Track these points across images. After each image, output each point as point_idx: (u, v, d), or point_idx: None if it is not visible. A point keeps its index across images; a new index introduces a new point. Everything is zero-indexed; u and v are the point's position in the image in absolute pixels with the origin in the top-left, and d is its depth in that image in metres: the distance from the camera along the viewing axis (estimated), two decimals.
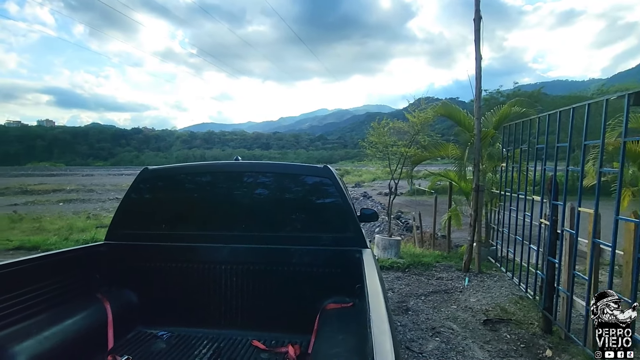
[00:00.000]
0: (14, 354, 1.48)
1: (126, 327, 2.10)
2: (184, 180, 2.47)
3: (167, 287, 2.23)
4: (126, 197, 2.36)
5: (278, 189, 2.37)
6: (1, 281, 1.62)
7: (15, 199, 19.16)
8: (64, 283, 1.95)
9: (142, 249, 2.24)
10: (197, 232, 2.25)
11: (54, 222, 9.93)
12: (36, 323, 1.68)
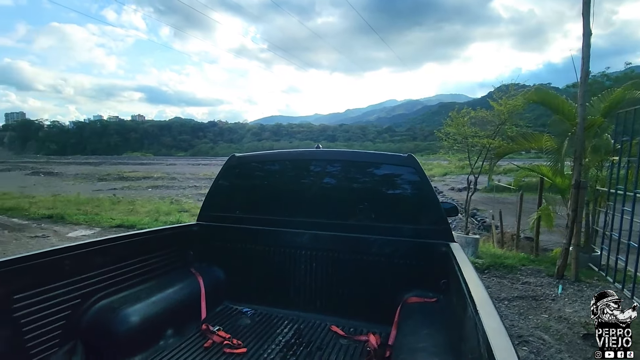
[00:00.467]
0: (129, 314, 1.74)
1: (215, 300, 2.33)
2: (268, 166, 2.63)
3: (251, 267, 2.40)
4: (216, 182, 2.58)
5: (360, 177, 2.39)
6: (119, 251, 1.91)
7: (114, 183, 22.30)
8: (165, 256, 2.24)
9: (229, 230, 2.44)
10: (280, 217, 2.37)
11: (144, 205, 11.32)
12: (145, 289, 1.95)
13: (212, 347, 1.88)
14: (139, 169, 35.79)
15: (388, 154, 2.34)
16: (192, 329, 2.05)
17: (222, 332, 1.97)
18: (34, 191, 15.73)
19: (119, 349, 1.68)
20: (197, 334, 2.01)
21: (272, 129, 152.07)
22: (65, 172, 30.64)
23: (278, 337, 2.00)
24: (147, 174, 28.91)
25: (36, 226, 7.77)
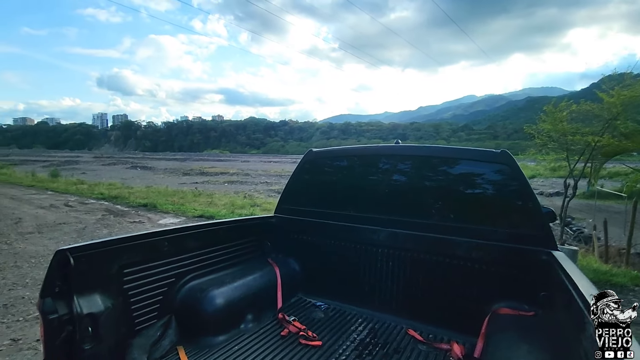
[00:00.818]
0: (215, 296, 1.88)
1: (290, 291, 2.40)
2: (345, 162, 2.62)
3: (326, 261, 2.42)
4: (293, 176, 2.66)
5: (444, 174, 2.23)
6: (207, 237, 2.08)
7: (196, 178, 24.63)
8: (245, 245, 2.37)
9: (305, 224, 2.49)
10: (356, 212, 2.35)
11: (221, 199, 12.26)
12: (228, 275, 2.10)
13: (288, 337, 1.93)
14: (217, 165, 39.03)
15: (478, 149, 2.14)
16: (269, 316, 2.14)
17: (297, 323, 2.01)
18: (132, 183, 18.19)
19: (206, 328, 1.82)
20: (274, 322, 2.09)
21: (341, 127, 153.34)
22: (156, 166, 34.81)
23: (352, 334, 1.97)
24: (224, 170, 31.34)
25: (134, 213, 8.95)
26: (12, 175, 19.04)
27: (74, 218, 8.07)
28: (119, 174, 24.65)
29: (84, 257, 1.37)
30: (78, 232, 6.89)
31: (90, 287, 1.40)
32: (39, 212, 8.71)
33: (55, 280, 1.29)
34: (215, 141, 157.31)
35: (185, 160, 50.16)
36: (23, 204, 9.76)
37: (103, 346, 1.41)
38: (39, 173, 19.67)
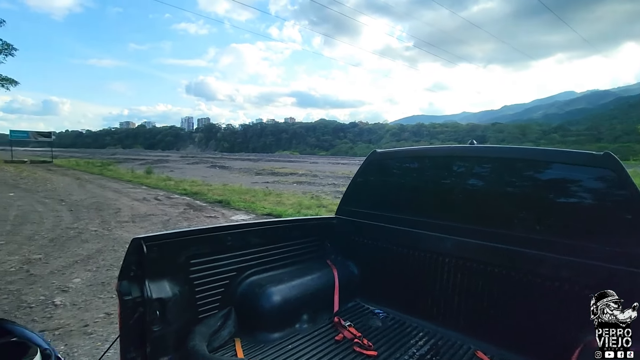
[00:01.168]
0: (272, 293, 1.93)
1: (347, 295, 2.36)
2: (412, 163, 2.50)
3: (386, 267, 2.33)
4: (356, 177, 2.61)
5: (529, 179, 1.96)
6: (269, 234, 2.15)
7: (267, 177, 25.87)
8: (305, 245, 2.40)
9: (366, 227, 2.43)
10: (421, 218, 2.20)
11: (289, 199, 12.70)
12: (287, 273, 2.14)
13: (343, 342, 1.89)
14: (287, 166, 40.59)
15: (573, 151, 1.83)
16: (325, 319, 2.13)
17: (352, 329, 1.97)
18: (211, 180, 19.86)
19: (262, 323, 1.89)
20: (329, 325, 2.08)
21: (413, 129, 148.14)
22: (232, 166, 37.51)
23: (412, 348, 1.85)
24: (293, 171, 32.43)
25: (210, 208, 9.76)
26: (117, 171, 22.18)
27: (160, 210, 9.10)
28: (200, 172, 27.10)
29: (155, 246, 1.52)
30: (163, 223, 7.74)
31: (160, 274, 1.54)
32: (134, 204, 10.01)
33: (130, 265, 1.45)
34: (286, 143, 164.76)
35: (258, 161, 53.23)
36: (122, 197, 11.32)
37: (169, 329, 1.54)
38: (136, 170, 22.68)
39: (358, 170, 2.59)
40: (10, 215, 7.84)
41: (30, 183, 14.08)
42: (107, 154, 67.39)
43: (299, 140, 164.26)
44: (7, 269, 4.59)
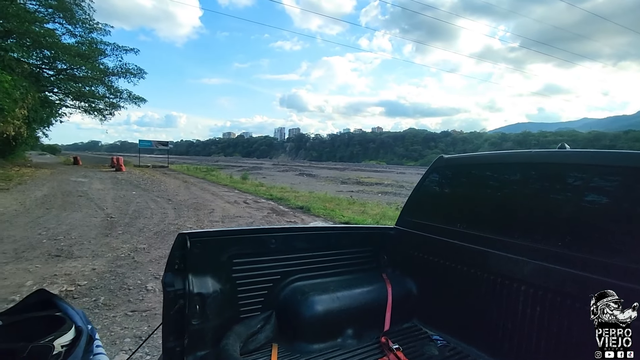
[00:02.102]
0: (315, 302, 1.85)
1: (402, 315, 2.14)
2: (484, 171, 2.16)
3: (449, 288, 2.05)
4: (419, 185, 2.39)
5: (634, 191, 1.53)
6: (318, 240, 2.09)
7: (352, 186, 25.97)
8: (358, 255, 2.27)
9: (428, 241, 2.18)
10: (492, 235, 1.87)
11: (373, 209, 12.46)
12: (334, 282, 2.04)
13: None
14: (372, 176, 40.27)
15: None
16: (372, 337, 1.96)
17: (400, 353, 1.76)
18: (298, 187, 20.80)
19: (302, 332, 1.82)
20: (375, 344, 1.90)
21: (517, 138, 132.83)
22: (319, 174, 38.74)
23: None
24: (379, 181, 31.99)
25: (292, 213, 10.16)
26: (218, 176, 24.84)
27: (247, 213, 9.83)
28: (289, 179, 28.65)
29: (199, 242, 1.59)
30: (247, 225, 8.33)
31: (202, 270, 1.61)
32: (226, 205, 11.03)
33: (175, 258, 1.54)
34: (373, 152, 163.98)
35: (344, 170, 53.98)
36: (217, 199, 12.59)
37: (208, 325, 1.59)
38: (234, 175, 25.10)
39: (422, 178, 2.37)
40: (129, 210, 9.37)
41: (149, 184, 16.67)
42: (211, 161, 76.26)
43: (386, 150, 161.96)
44: (119, 254, 5.46)
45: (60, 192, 12.13)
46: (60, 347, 0.99)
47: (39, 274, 4.45)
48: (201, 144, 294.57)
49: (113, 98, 31.03)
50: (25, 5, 25.18)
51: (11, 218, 7.65)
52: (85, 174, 19.97)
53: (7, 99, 15.98)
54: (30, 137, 25.96)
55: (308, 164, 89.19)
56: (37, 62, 26.76)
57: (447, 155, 2.34)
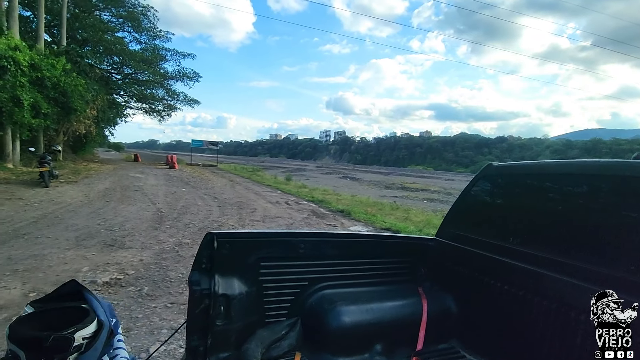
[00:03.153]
0: (343, 312, 1.76)
1: (439, 335, 1.98)
2: (540, 181, 1.93)
3: (495, 310, 1.84)
4: (464, 194, 2.21)
5: None
6: (350, 247, 2.00)
7: (396, 192, 25.37)
8: (393, 266, 2.13)
9: (472, 256, 2.00)
10: (548, 254, 1.65)
11: (417, 215, 12.04)
12: (364, 293, 1.93)
13: None
14: (418, 181, 39.05)
15: None
16: (402, 355, 1.82)
17: None
18: (340, 190, 20.75)
19: (328, 343, 1.74)
20: None
21: (584, 145, 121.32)
22: (362, 178, 38.39)
23: None
24: (425, 187, 30.95)
25: (332, 217, 10.11)
26: (263, 176, 25.56)
27: (287, 214, 9.95)
28: (332, 182, 28.71)
29: (227, 243, 1.58)
30: (287, 226, 8.42)
31: (229, 271, 1.60)
32: (267, 205, 11.27)
33: (202, 258, 1.54)
34: (420, 157, 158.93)
35: (388, 174, 52.99)
36: (260, 199, 12.91)
37: (232, 327, 1.57)
38: (278, 176, 25.68)
39: (468, 186, 2.18)
40: (178, 206, 9.92)
41: (197, 182, 17.58)
42: (257, 161, 78.80)
43: (434, 155, 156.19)
44: (165, 247, 5.77)
45: (120, 186, 13.19)
46: (81, 339, 1.02)
47: (94, 261, 4.83)
48: (249, 144, 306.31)
49: (170, 100, 33.46)
50: (100, 16, 27.94)
51: (76, 208, 8.44)
52: (143, 170, 21.56)
53: (80, 100, 17.75)
54: (99, 135, 28.59)
55: (352, 167, 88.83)
56: (107, 67, 29.54)
57: (497, 163, 2.14)
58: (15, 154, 14.46)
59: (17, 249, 5.11)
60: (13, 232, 5.99)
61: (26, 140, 15.56)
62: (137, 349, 2.84)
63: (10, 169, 13.40)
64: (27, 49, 13.76)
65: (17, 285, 3.91)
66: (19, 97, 12.67)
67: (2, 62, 11.76)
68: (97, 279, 4.19)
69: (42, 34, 18.29)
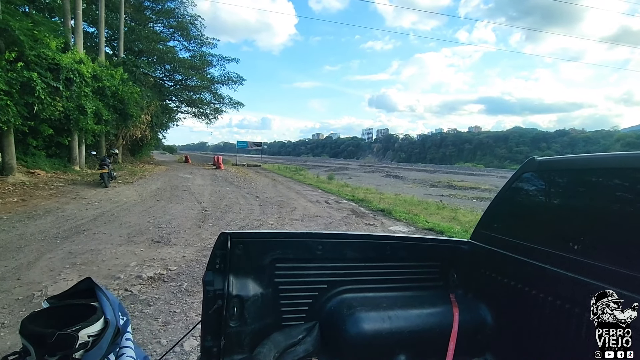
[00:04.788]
0: (362, 318, 1.65)
1: (472, 347, 1.80)
2: (590, 178, 1.67)
3: (535, 323, 1.62)
4: (501, 193, 2.00)
5: None
6: (374, 249, 1.88)
7: (443, 190, 24.37)
8: (421, 270, 1.98)
9: (510, 262, 1.79)
10: (598, 262, 1.42)
11: (465, 215, 11.42)
12: (388, 299, 1.80)
13: None
14: (467, 179, 37.25)
15: None
16: None
17: None
18: (383, 189, 20.37)
19: (346, 350, 1.65)
20: None
21: None
22: (407, 176, 37.40)
23: None
24: (474, 185, 29.45)
25: (372, 216, 9.91)
26: (306, 176, 25.86)
27: (327, 213, 9.92)
28: (374, 181, 28.31)
29: (241, 243, 1.55)
30: (326, 225, 8.39)
31: (243, 272, 1.57)
32: (307, 204, 11.33)
33: (216, 257, 1.53)
34: (469, 154, 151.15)
35: (434, 172, 51.13)
36: (300, 198, 13.03)
37: (247, 329, 1.54)
38: (320, 175, 25.83)
39: (506, 184, 1.96)
40: (222, 204, 10.30)
41: (241, 181, 18.17)
42: (300, 161, 79.94)
43: (484, 151, 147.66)
44: (206, 245, 6.00)
45: (170, 186, 14.02)
46: (87, 336, 1.03)
47: (141, 257, 5.14)
48: (292, 144, 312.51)
49: (217, 104, 34.99)
50: (153, 27, 29.99)
51: (130, 207, 9.08)
52: (191, 171, 22.74)
53: (136, 107, 19.15)
54: (153, 138, 30.67)
55: (395, 165, 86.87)
56: (160, 75, 31.63)
57: (541, 157, 1.90)
58: (81, 158, 15.93)
59: (78, 244, 5.59)
60: (75, 228, 6.57)
61: (90, 145, 17.11)
62: (172, 342, 2.95)
63: (77, 171, 14.79)
64: (90, 62, 15.09)
65: (74, 277, 4.25)
66: (84, 105, 13.94)
67: (68, 74, 12.98)
68: (142, 273, 4.44)
69: (103, 47, 20.03)
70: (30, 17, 13.02)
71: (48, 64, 12.11)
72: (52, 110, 12.14)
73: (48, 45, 12.12)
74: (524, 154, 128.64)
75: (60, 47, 12.97)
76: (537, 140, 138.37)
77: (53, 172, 13.34)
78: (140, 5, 28.56)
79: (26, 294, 3.73)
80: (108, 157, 13.38)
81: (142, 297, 3.82)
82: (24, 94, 10.92)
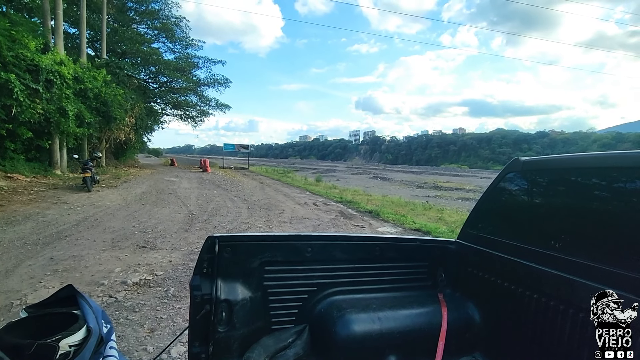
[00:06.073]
0: (352, 320, 1.65)
1: (460, 346, 1.81)
2: (573, 177, 1.70)
3: (523, 321, 1.65)
4: (487, 193, 2.03)
5: None
6: (363, 251, 1.88)
7: (429, 191, 24.64)
8: (409, 270, 1.99)
9: (497, 261, 1.81)
10: (584, 260, 1.45)
11: (451, 215, 11.54)
12: (377, 300, 1.80)
13: None
14: (452, 180, 37.78)
15: None
16: None
17: None
18: (371, 191, 20.45)
19: (336, 353, 1.63)
20: None
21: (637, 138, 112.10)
22: (394, 177, 37.70)
23: None
24: (459, 186, 29.87)
25: (360, 217, 9.94)
26: (293, 178, 25.75)
27: (315, 215, 9.90)
28: (362, 182, 28.39)
29: (229, 247, 1.53)
30: (314, 227, 8.36)
31: (231, 276, 1.54)
32: (295, 207, 11.29)
33: (204, 262, 1.50)
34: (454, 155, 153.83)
35: (420, 174, 51.69)
36: (288, 200, 12.97)
37: (235, 334, 1.51)
38: (308, 178, 25.79)
39: (491, 184, 1.98)
40: (209, 208, 10.16)
41: (229, 184, 17.99)
42: (288, 163, 79.79)
43: (468, 152, 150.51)
44: (193, 249, 5.90)
45: (155, 189, 13.76)
46: (68, 347, 0.99)
47: (126, 262, 5.01)
48: (279, 147, 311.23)
49: (203, 106, 34.58)
50: (137, 29, 29.48)
51: (114, 211, 8.86)
52: (177, 174, 22.40)
53: (120, 109, 18.76)
54: (138, 141, 30.11)
55: (382, 166, 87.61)
56: (144, 77, 31.08)
57: (525, 158, 1.93)
58: (62, 161, 15.49)
59: (59, 250, 5.41)
60: (57, 234, 6.37)
61: (72, 148, 16.66)
62: (159, 349, 2.88)
63: (59, 175, 14.38)
64: (71, 63, 14.71)
65: (56, 284, 4.12)
66: (65, 108, 13.56)
67: (48, 76, 12.61)
68: (127, 279, 4.33)
69: (85, 49, 19.55)
70: (8, 17, 12.64)
71: (27, 65, 11.76)
72: (31, 113, 11.78)
73: (27, 46, 11.77)
74: (507, 155, 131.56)
75: (39, 48, 12.62)
76: (519, 141, 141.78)
77: (33, 177, 12.93)
78: (124, 6, 28.04)
79: (4, 303, 3.59)
80: (91, 160, 13.02)
81: (128, 303, 3.72)
82: (1, 95, 10.58)
